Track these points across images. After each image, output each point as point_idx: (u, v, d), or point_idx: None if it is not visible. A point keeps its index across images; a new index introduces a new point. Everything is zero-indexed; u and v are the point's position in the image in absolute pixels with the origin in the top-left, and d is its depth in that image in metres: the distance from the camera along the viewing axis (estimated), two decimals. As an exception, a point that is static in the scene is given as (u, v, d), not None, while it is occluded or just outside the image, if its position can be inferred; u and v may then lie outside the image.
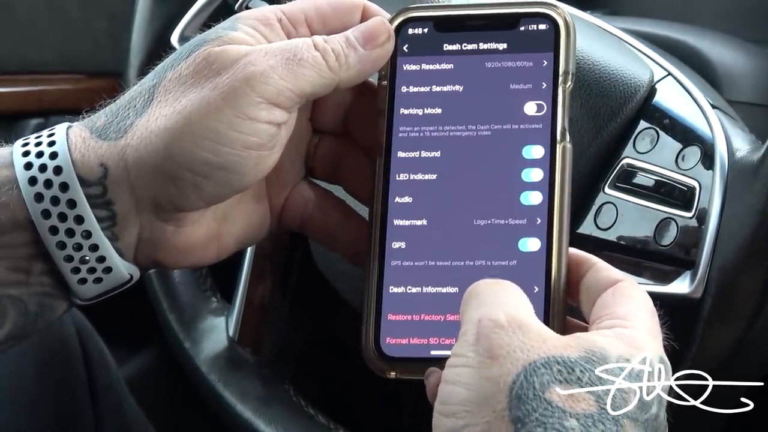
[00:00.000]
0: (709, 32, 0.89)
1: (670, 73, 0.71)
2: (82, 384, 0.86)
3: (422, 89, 0.57)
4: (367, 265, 0.55)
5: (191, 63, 0.53)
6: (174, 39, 0.91)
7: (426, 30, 0.57)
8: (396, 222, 0.55)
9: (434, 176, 0.55)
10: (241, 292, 0.86)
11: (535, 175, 0.54)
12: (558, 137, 0.54)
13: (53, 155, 0.52)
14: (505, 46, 0.56)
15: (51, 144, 0.53)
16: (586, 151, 0.67)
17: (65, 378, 0.85)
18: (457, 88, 0.56)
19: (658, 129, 0.67)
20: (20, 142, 0.54)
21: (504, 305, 0.47)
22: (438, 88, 0.56)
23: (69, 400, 0.85)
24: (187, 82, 0.53)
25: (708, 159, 0.65)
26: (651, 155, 0.66)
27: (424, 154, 0.56)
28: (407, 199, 0.55)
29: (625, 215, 0.65)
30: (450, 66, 0.57)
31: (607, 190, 0.67)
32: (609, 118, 0.67)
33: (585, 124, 0.66)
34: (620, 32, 0.76)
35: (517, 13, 0.56)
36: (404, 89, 0.57)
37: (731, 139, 0.65)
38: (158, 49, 0.91)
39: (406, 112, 0.57)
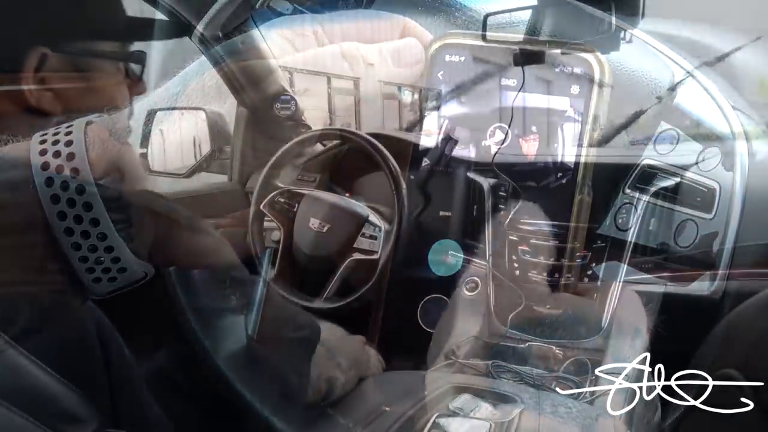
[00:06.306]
0: (730, 34, 0.89)
1: (691, 75, 0.70)
2: (100, 381, 0.86)
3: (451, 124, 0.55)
4: None
5: (215, 76, 0.53)
6: (194, 38, 0.91)
7: (462, 59, 0.56)
8: None
9: None
10: (260, 290, 0.86)
11: None
12: (576, 190, 0.53)
13: (70, 156, 0.52)
14: (540, 86, 0.55)
15: (68, 144, 0.52)
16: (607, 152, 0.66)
17: (84, 375, 0.85)
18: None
19: (678, 130, 0.67)
20: (38, 138, 0.54)
21: None
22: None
23: (87, 396, 0.85)
24: (209, 94, 0.53)
25: (728, 160, 0.64)
26: (671, 156, 0.66)
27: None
28: None
29: (645, 216, 0.65)
30: (483, 101, 0.55)
31: (627, 190, 0.66)
32: (630, 119, 0.67)
33: (606, 125, 0.66)
34: (642, 33, 0.75)
35: (555, 54, 0.55)
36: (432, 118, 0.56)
37: (752, 141, 0.65)
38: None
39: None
